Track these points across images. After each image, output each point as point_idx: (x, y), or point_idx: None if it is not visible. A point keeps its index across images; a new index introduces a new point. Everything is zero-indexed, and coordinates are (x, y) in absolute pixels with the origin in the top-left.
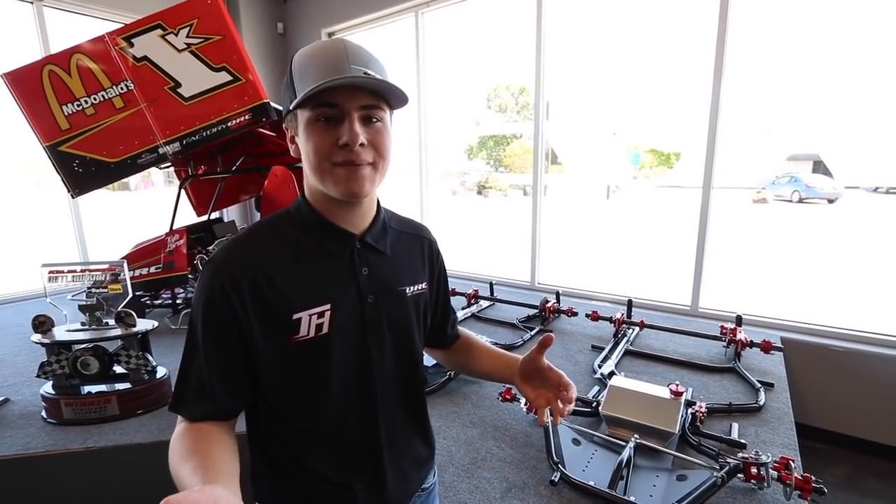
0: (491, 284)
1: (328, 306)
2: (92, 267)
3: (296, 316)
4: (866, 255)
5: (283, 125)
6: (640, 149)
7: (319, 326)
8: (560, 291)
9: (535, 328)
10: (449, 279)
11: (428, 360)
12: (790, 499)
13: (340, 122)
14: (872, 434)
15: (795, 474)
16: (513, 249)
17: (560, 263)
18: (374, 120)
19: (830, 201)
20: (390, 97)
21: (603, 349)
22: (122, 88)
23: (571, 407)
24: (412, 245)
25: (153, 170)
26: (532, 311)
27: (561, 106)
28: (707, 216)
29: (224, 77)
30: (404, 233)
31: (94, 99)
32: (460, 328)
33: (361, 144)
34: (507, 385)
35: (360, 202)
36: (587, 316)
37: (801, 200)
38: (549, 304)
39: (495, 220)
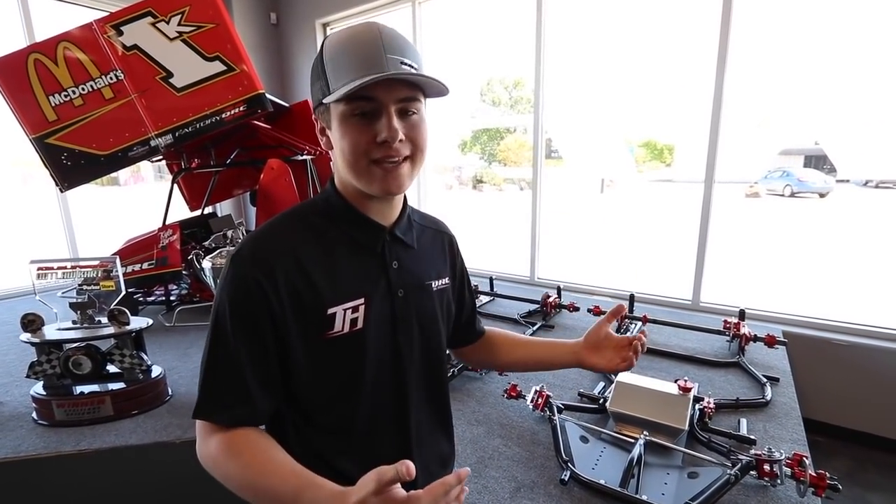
0: (491, 279)
1: (362, 300)
2: (82, 263)
3: (331, 310)
4: (859, 248)
5: (313, 116)
6: (634, 143)
7: (354, 321)
8: (561, 286)
9: (536, 323)
10: None
11: None
12: (804, 496)
13: (377, 116)
14: (874, 427)
15: (809, 471)
16: (510, 244)
17: (558, 258)
18: (412, 112)
19: (822, 195)
20: (428, 88)
21: None
22: (111, 78)
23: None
24: (434, 240)
25: (143, 164)
26: (533, 306)
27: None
28: (709, 210)
29: (218, 67)
30: (427, 227)
31: (83, 89)
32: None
33: (400, 140)
34: (513, 382)
35: None
36: (589, 311)
37: (793, 195)
38: (551, 299)
39: (491, 215)
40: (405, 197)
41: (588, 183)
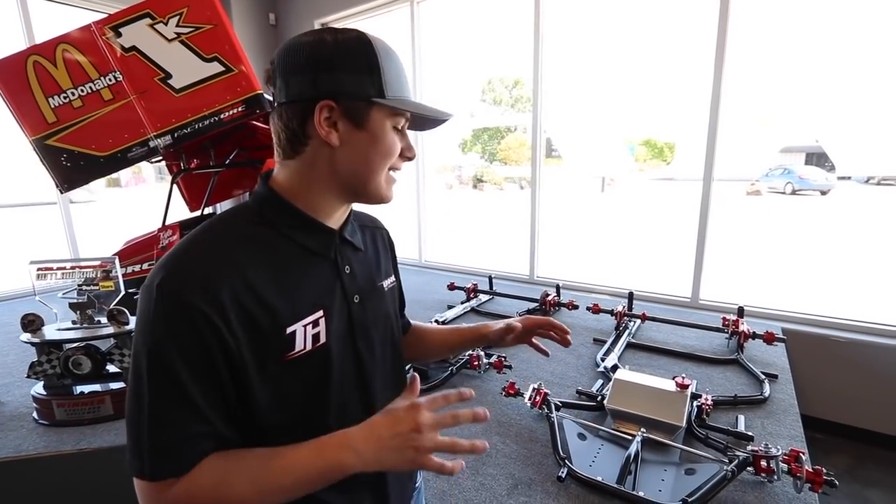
0: (490, 278)
1: (321, 313)
2: (82, 264)
3: (290, 329)
4: (860, 244)
5: (324, 100)
6: (635, 141)
7: (316, 336)
8: (560, 284)
9: None
10: (448, 273)
11: None
12: (801, 492)
13: (402, 133)
14: (873, 424)
15: (806, 467)
16: (510, 243)
17: (558, 256)
18: None
19: (823, 193)
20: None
21: (605, 342)
22: (110, 80)
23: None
24: (375, 238)
25: (144, 166)
26: (532, 305)
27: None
28: (708, 208)
29: (216, 68)
30: (366, 226)
31: (82, 91)
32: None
33: None
34: (511, 380)
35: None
36: (588, 309)
37: (794, 192)
38: (550, 298)
39: (491, 214)
40: None
41: (589, 182)
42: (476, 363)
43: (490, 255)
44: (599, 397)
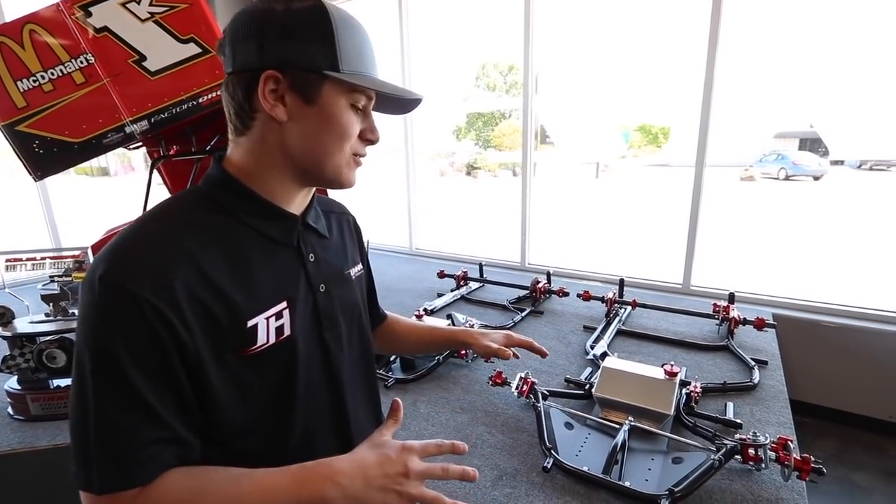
0: (480, 266)
1: (284, 304)
2: (54, 255)
3: (251, 323)
4: (852, 230)
5: (269, 70)
6: (630, 127)
7: (280, 329)
8: (551, 271)
9: (525, 309)
10: (439, 261)
11: None
12: (788, 480)
13: (365, 114)
14: (861, 408)
15: (794, 455)
16: (502, 230)
17: (551, 243)
18: None
19: (816, 178)
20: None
21: (595, 329)
22: (81, 62)
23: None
24: (341, 224)
25: (133, 154)
26: (523, 292)
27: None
28: (700, 193)
29: (193, 49)
30: (332, 213)
31: (52, 74)
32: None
33: None
34: (498, 369)
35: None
36: (579, 296)
37: (787, 178)
38: (540, 285)
39: (484, 201)
40: None
41: (583, 168)
42: (464, 353)
43: (482, 243)
44: (588, 386)
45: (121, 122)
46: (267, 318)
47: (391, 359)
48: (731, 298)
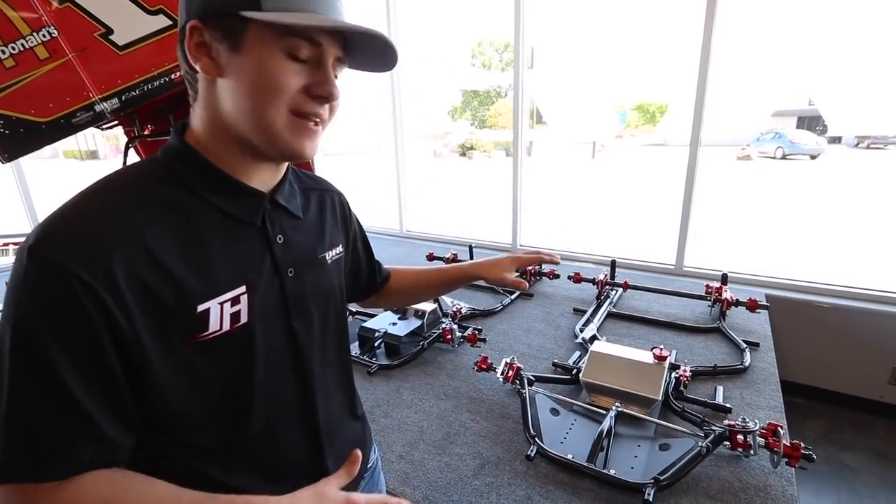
0: (470, 247)
1: (243, 288)
2: (17, 241)
3: (202, 307)
4: (849, 209)
5: (188, 22)
6: (627, 107)
7: (236, 316)
8: None
9: (515, 292)
10: (430, 243)
11: (403, 328)
12: (777, 466)
13: (317, 66)
14: (851, 388)
15: (784, 441)
16: (495, 211)
17: (544, 224)
18: (336, 76)
19: (813, 157)
20: (360, 61)
21: (585, 312)
22: (44, 36)
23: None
24: (322, 203)
25: (124, 137)
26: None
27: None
28: (694, 173)
29: (162, 21)
30: (311, 189)
31: (13, 48)
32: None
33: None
34: (484, 354)
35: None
36: (569, 278)
37: (784, 157)
38: (531, 267)
39: (478, 182)
40: None
41: (580, 148)
42: (449, 337)
43: (475, 224)
44: (575, 370)
45: (90, 100)
46: (221, 303)
47: (375, 344)
48: (724, 279)
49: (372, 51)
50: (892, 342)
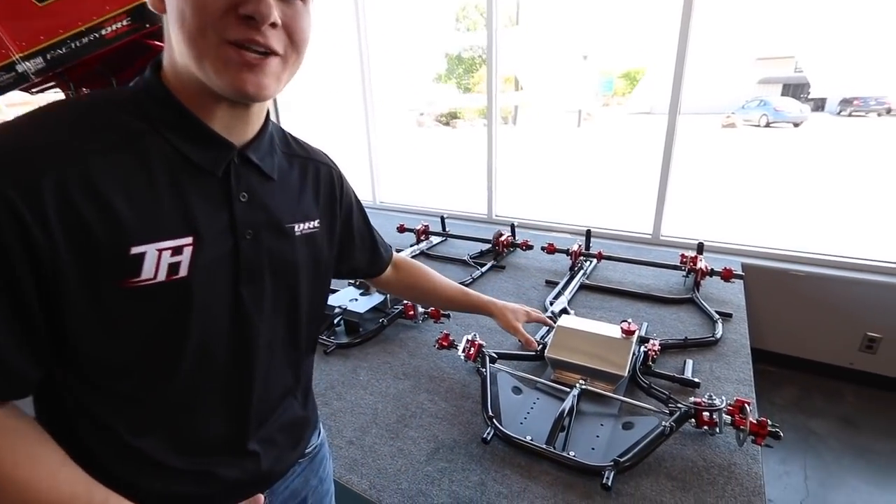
0: (442, 218)
1: (189, 240)
2: None
3: (136, 250)
4: (830, 176)
5: None
6: (613, 74)
7: (174, 267)
8: (515, 223)
9: (486, 264)
10: (405, 215)
11: (363, 305)
12: (743, 444)
13: None
14: (822, 355)
15: (751, 418)
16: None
17: (523, 194)
18: None
19: (796, 125)
20: None
21: (557, 284)
22: None
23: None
24: (306, 173)
25: None
26: (485, 246)
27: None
28: (673, 140)
29: None
30: (296, 157)
31: None
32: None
33: (273, 25)
34: (445, 331)
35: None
36: (543, 249)
37: (768, 124)
38: (503, 238)
39: (460, 152)
40: (268, 112)
41: (565, 116)
42: (412, 313)
43: (453, 195)
44: (541, 346)
45: (9, 59)
46: (160, 250)
47: (335, 321)
48: (700, 249)
49: None
50: (865, 310)
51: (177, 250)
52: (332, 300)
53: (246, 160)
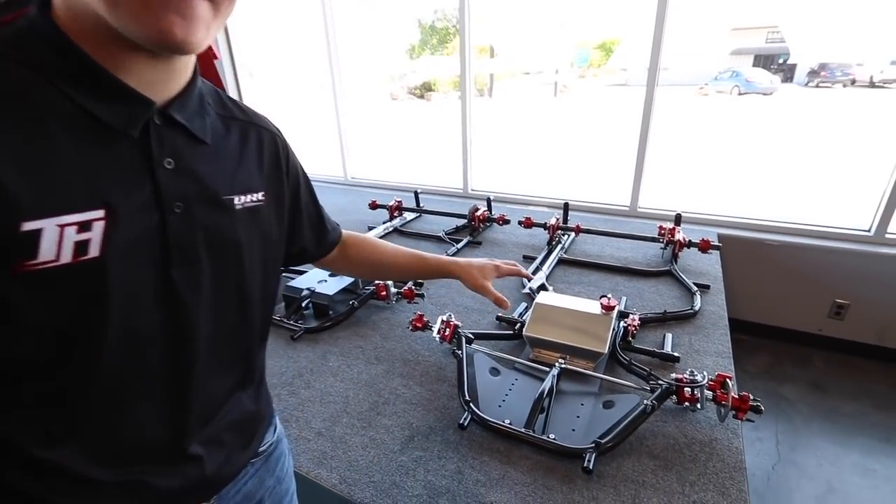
0: (416, 193)
1: (100, 213)
2: None
3: (29, 226)
4: (796, 145)
5: None
6: (589, 46)
7: (82, 246)
8: (492, 197)
9: (462, 240)
10: (377, 191)
11: (333, 286)
12: (724, 420)
13: None
14: (793, 322)
15: (732, 393)
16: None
17: (499, 167)
18: None
19: (766, 95)
20: None
21: (535, 259)
22: None
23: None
24: (246, 138)
25: None
26: (461, 221)
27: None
28: (650, 110)
29: None
30: (235, 119)
31: None
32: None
33: None
34: (419, 312)
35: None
36: (520, 223)
37: (740, 94)
38: (479, 213)
39: (434, 125)
40: (196, 68)
41: (541, 88)
42: (384, 293)
43: (427, 170)
44: (519, 325)
45: None
46: (61, 226)
47: (303, 304)
48: (678, 220)
49: None
50: (834, 277)
51: (84, 226)
52: (299, 282)
53: (169, 120)
